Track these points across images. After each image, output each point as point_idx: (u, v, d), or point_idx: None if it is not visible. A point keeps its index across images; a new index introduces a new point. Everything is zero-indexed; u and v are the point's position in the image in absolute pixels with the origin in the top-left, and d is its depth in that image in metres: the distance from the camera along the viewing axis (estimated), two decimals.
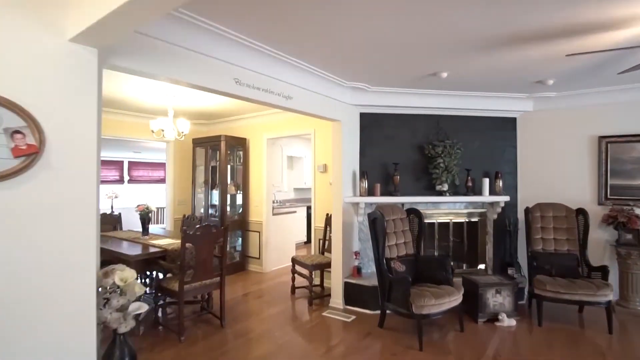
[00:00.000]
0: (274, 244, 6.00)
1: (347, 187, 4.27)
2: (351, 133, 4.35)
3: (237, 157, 6.07)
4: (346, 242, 4.24)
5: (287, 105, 3.39)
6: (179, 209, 6.46)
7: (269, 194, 5.89)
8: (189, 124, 4.57)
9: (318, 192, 5.20)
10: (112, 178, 10.18)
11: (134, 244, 3.94)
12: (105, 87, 4.12)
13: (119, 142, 7.57)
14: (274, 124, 5.74)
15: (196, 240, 3.38)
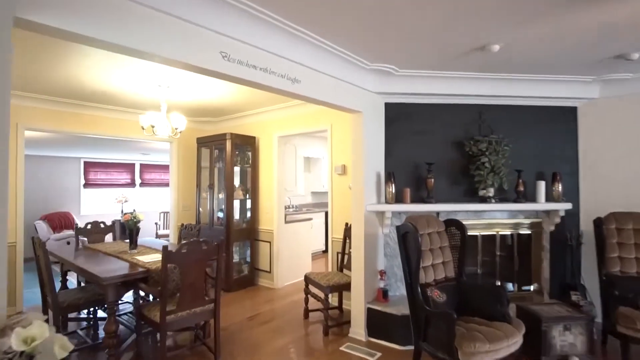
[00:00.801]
0: (286, 255, 5.31)
1: (370, 193, 3.52)
2: (374, 127, 3.60)
3: (246, 158, 5.42)
4: (369, 259, 3.50)
5: (293, 91, 2.69)
6: (183, 215, 5.88)
7: (280, 199, 5.20)
8: (184, 120, 3.94)
9: (336, 197, 4.47)
10: (123, 181, 9.79)
11: (117, 259, 3.33)
12: (90, 77, 3.55)
13: (126, 144, 7.09)
14: (285, 120, 5.06)
15: (181, 259, 2.72)
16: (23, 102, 4.30)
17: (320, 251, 7.58)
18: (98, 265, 3.09)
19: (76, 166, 8.95)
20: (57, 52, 2.98)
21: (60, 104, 4.54)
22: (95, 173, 9.31)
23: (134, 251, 3.62)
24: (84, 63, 3.22)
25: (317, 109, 4.63)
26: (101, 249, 3.83)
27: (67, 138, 6.14)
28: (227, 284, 4.99)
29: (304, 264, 5.68)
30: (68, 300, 3.15)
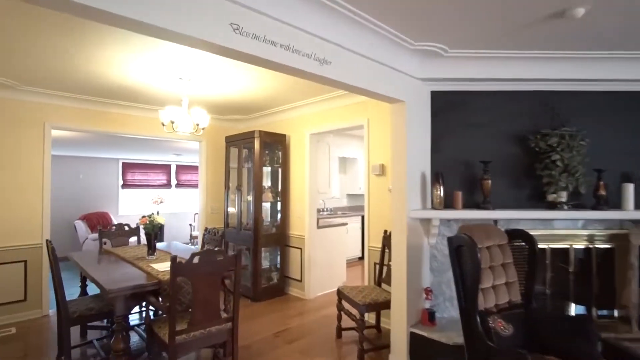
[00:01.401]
0: (318, 263, 4.88)
1: (414, 196, 3.00)
2: (419, 120, 3.08)
3: (275, 158, 5.06)
4: (412, 274, 2.97)
5: (321, 74, 2.25)
6: (212, 217, 5.63)
7: (312, 202, 4.78)
8: (206, 115, 3.63)
9: (373, 201, 3.98)
10: (159, 182, 9.84)
11: (132, 267, 3.06)
12: (110, 71, 3.31)
13: (158, 144, 7.00)
14: (317, 115, 4.63)
15: (193, 272, 2.36)
16: (50, 100, 4.20)
17: (357, 258, 7.09)
18: (108, 273, 2.82)
19: (114, 167, 9.08)
20: (76, 44, 2.76)
21: (85, 102, 4.42)
22: (133, 174, 9.40)
23: (152, 257, 3.35)
24: (103, 55, 2.98)
25: (352, 102, 4.16)
26: (120, 253, 3.60)
27: (104, 139, 6.11)
28: (254, 293, 4.63)
29: (337, 273, 5.22)
30: (79, 311, 2.90)
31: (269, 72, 3.43)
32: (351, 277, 5.71)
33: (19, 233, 4.04)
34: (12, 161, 4.00)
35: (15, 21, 2.44)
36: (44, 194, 4.20)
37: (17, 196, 4.03)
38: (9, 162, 3.97)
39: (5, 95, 3.92)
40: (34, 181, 4.13)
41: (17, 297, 4.03)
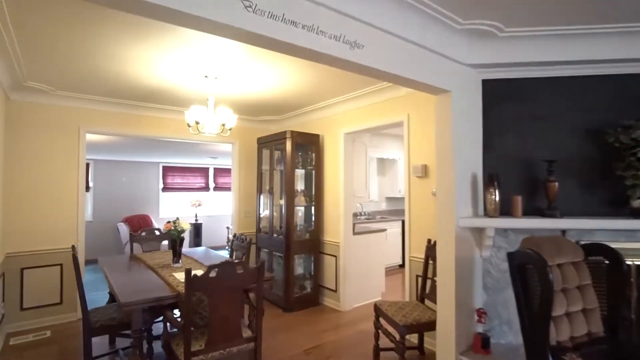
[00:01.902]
0: (355, 272, 4.53)
1: (463, 201, 2.58)
2: (468, 112, 2.66)
3: (309, 159, 4.78)
4: (462, 292, 2.55)
5: (352, 59, 1.92)
6: (244, 221, 5.46)
7: (347, 206, 4.45)
8: (233, 115, 3.43)
9: (415, 207, 3.57)
10: (198, 185, 9.95)
11: (154, 275, 2.90)
12: (137, 71, 3.21)
13: (193, 147, 7.01)
14: (352, 113, 4.30)
15: (209, 287, 2.12)
16: (83, 104, 4.21)
17: (397, 265, 6.64)
18: (128, 282, 2.67)
19: (155, 171, 9.29)
20: (103, 43, 2.65)
21: (117, 105, 4.40)
22: (173, 177, 9.57)
23: (177, 265, 3.18)
24: (130, 54, 2.86)
25: (389, 97, 3.79)
26: (146, 259, 3.49)
27: (142, 143, 6.17)
28: (287, 303, 4.38)
29: (376, 283, 4.84)
30: (102, 320, 2.78)
31: (298, 67, 3.18)
32: (391, 287, 5.30)
33: (55, 237, 4.07)
34: (48, 166, 4.04)
35: (49, 25, 2.36)
36: (79, 198, 4.22)
37: (53, 200, 4.06)
38: (45, 167, 4.02)
39: (41, 101, 3.97)
40: (69, 185, 4.16)
41: (53, 300, 4.06)
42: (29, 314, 3.92)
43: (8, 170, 3.80)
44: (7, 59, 2.98)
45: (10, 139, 3.82)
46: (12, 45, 2.74)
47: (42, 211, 4.00)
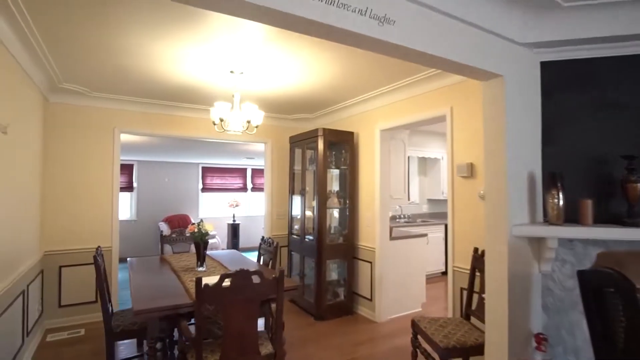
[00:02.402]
0: (392, 280, 4.19)
1: (517, 205, 2.18)
2: (523, 101, 2.25)
3: (342, 159, 4.51)
4: (516, 312, 2.16)
5: (381, 37, 1.63)
6: (277, 223, 5.30)
7: (384, 209, 4.12)
8: (259, 111, 3.24)
9: (460, 210, 3.18)
10: (236, 186, 10.02)
11: (176, 279, 2.77)
12: (164, 69, 3.12)
13: (228, 147, 6.99)
14: (389, 108, 3.97)
15: (223, 298, 1.92)
16: (117, 105, 4.24)
17: (439, 273, 6.18)
18: (147, 286, 2.55)
19: (195, 171, 9.46)
20: (130, 39, 2.57)
21: (150, 106, 4.40)
22: (212, 178, 9.70)
23: (200, 269, 3.04)
24: (156, 49, 2.76)
25: (430, 90, 3.43)
26: (173, 262, 3.39)
27: (180, 143, 6.22)
28: (318, 311, 4.13)
29: (415, 293, 4.45)
30: (123, 325, 2.69)
31: (329, 59, 2.94)
32: (432, 298, 4.88)
33: (91, 236, 4.13)
34: (85, 166, 4.10)
35: (74, 25, 2.33)
36: (114, 198, 4.25)
37: (89, 200, 4.12)
38: (82, 167, 4.08)
39: (78, 102, 4.04)
40: (104, 185, 4.20)
41: (89, 299, 4.11)
42: (66, 311, 4.00)
43: (48, 170, 3.89)
44: (39, 61, 3.01)
45: (49, 141, 3.91)
46: (41, 48, 2.75)
47: (79, 211, 4.07)
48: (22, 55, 2.76)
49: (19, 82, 2.85)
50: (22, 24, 2.35)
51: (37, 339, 3.55)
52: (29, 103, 3.21)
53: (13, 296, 2.74)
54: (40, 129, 3.64)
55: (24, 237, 3.08)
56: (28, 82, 3.10)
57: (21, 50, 2.70)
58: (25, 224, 3.12)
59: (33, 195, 3.40)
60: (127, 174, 8.61)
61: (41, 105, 3.65)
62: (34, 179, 3.45)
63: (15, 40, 2.55)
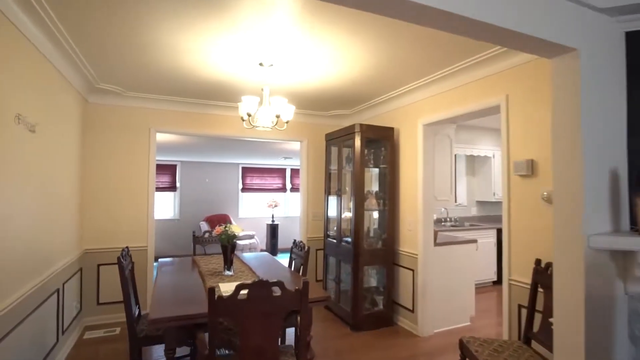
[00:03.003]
0: (437, 290, 3.80)
1: (596, 210, 1.76)
2: (603, 80, 1.82)
3: (381, 157, 4.18)
4: (594, 341, 1.73)
5: (423, 1, 1.32)
6: (313, 225, 5.07)
7: (427, 212, 3.75)
8: (289, 106, 3.01)
9: (517, 214, 2.75)
10: (275, 186, 9.96)
11: (201, 284, 2.62)
12: (191, 63, 3.00)
13: (265, 146, 6.89)
14: (433, 100, 3.59)
15: (239, 312, 1.70)
16: (151, 104, 4.23)
17: (490, 282, 5.63)
18: (169, 292, 2.41)
19: (235, 171, 9.52)
20: (153, 35, 2.46)
21: (182, 104, 4.35)
22: (252, 178, 9.71)
23: (227, 273, 2.88)
24: (180, 42, 2.63)
25: (480, 77, 3.03)
26: (202, 264, 3.27)
27: (217, 143, 6.22)
28: (355, 320, 3.84)
29: (463, 305, 4.02)
30: (147, 330, 2.59)
31: (365, 46, 2.65)
32: (482, 311, 4.40)
33: (128, 235, 4.15)
34: (122, 166, 4.13)
35: (100, 21, 2.25)
36: (149, 198, 4.24)
37: (126, 200, 4.14)
38: (119, 167, 4.11)
39: (115, 102, 4.07)
40: (141, 185, 4.21)
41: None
42: (104, 309, 4.04)
43: (87, 170, 3.95)
44: (72, 62, 3.02)
45: (89, 140, 3.97)
46: (70, 47, 2.73)
47: (116, 210, 4.10)
48: (55, 56, 2.76)
49: (54, 83, 2.85)
50: (50, 26, 2.36)
51: (74, 336, 3.59)
52: (66, 104, 3.24)
53: (45, 295, 2.73)
54: (79, 129, 3.69)
55: (60, 235, 3.09)
56: (63, 84, 3.12)
57: (53, 52, 2.70)
58: (60, 223, 3.13)
59: (71, 194, 3.44)
60: (170, 174, 8.84)
61: (80, 106, 3.69)
62: (72, 178, 3.49)
63: (46, 42, 2.56)
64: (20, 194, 2.27)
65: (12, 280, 2.17)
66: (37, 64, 2.52)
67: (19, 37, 2.21)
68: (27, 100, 2.36)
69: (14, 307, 2.16)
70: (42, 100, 2.62)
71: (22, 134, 2.29)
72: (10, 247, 2.16)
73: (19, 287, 2.27)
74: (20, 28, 2.20)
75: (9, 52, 2.10)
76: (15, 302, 2.17)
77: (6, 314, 2.06)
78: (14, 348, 2.16)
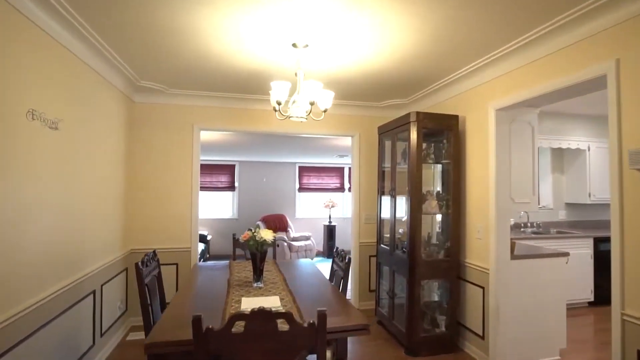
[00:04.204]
0: (513, 313, 3.07)
1: None
2: None
3: (443, 151, 3.54)
4: None
5: None
6: (365, 229, 4.58)
7: (502, 217, 3.04)
8: (325, 92, 2.57)
9: (634, 221, 1.98)
10: (333, 186, 9.57)
11: (223, 297, 2.30)
12: (220, 47, 2.71)
13: (320, 143, 6.53)
14: (509, 78, 2.87)
15: (232, 347, 1.30)
16: (194, 101, 4.08)
17: (585, 303, 4.62)
18: (184, 307, 2.12)
19: (292, 171, 9.33)
20: (176, 20, 2.22)
21: (224, 100, 4.15)
22: (309, 177, 9.45)
23: (257, 285, 2.53)
24: (205, 24, 2.35)
25: (574, 38, 2.29)
26: (236, 271, 2.98)
27: (273, 140, 6.02)
28: (410, 343, 3.27)
29: (549, 333, 3.22)
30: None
31: (421, 17, 2.11)
32: (576, 341, 3.54)
33: (172, 236, 4.05)
34: (166, 165, 4.04)
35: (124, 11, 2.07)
36: (193, 198, 4.11)
37: (170, 199, 4.05)
38: (163, 166, 4.03)
39: (159, 101, 3.99)
40: (184, 185, 4.09)
41: (168, 299, 4.02)
42: None
43: (133, 169, 3.92)
44: (108, 61, 2.95)
45: (135, 140, 3.94)
46: (103, 47, 2.65)
47: (160, 210, 4.02)
48: (86, 54, 2.67)
49: (86, 81, 2.76)
50: (79, 29, 2.29)
51: (117, 336, 3.54)
52: (107, 104, 3.19)
53: (76, 297, 2.64)
54: (123, 129, 3.65)
55: (94, 237, 3.01)
56: (102, 83, 3.07)
57: (82, 50, 2.61)
58: (96, 224, 3.06)
59: (111, 193, 3.38)
60: (229, 174, 8.93)
61: (123, 105, 3.64)
62: (114, 177, 3.44)
63: (75, 42, 2.50)
64: (39, 194, 2.15)
65: (27, 284, 2.04)
66: (66, 61, 2.42)
67: (47, 39, 2.08)
68: (50, 97, 2.24)
69: (30, 313, 2.03)
70: (71, 97, 2.51)
71: (43, 131, 2.17)
72: (28, 249, 2.04)
73: (37, 292, 2.14)
74: (50, 33, 2.13)
75: (32, 49, 1.99)
76: (32, 307, 2.04)
77: (20, 320, 1.93)
78: (34, 355, 2.03)
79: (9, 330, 1.85)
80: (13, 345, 1.88)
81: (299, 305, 2.10)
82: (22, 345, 1.96)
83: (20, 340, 1.94)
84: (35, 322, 2.10)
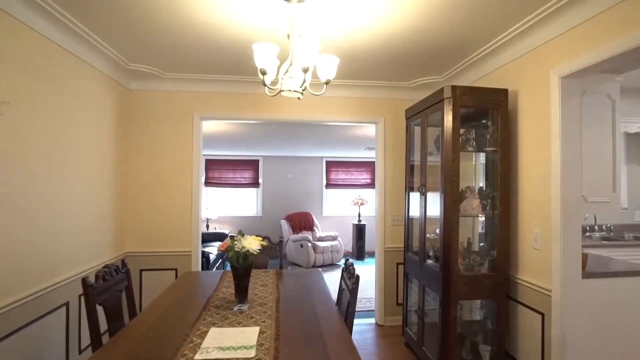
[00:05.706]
0: (588, 347, 2.30)
1: None
2: None
3: (487, 136, 2.79)
4: None
5: None
6: (391, 232, 3.91)
7: (569, 221, 2.27)
8: (325, 57, 1.94)
9: None
10: (362, 182, 8.89)
11: (182, 327, 1.76)
12: (189, 15, 2.18)
13: (343, 133, 5.91)
14: (576, 35, 2.09)
15: None
16: (193, 85, 3.61)
17: None
18: (131, 336, 1.61)
19: (319, 166, 8.76)
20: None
21: (227, 83, 3.64)
22: (337, 173, 8.84)
23: (238, 308, 1.97)
24: None
25: None
26: (223, 285, 2.45)
27: (294, 131, 5.50)
28: None
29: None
30: None
31: None
32: None
33: (170, 238, 3.63)
34: (162, 161, 3.61)
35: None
36: (193, 195, 3.65)
37: (167, 198, 3.62)
38: (160, 162, 3.61)
39: (156, 87, 3.56)
40: (183, 183, 3.64)
41: None
42: None
43: (126, 163, 3.53)
44: (83, 40, 2.53)
45: (130, 131, 3.55)
46: (71, 22, 2.22)
47: (156, 209, 3.60)
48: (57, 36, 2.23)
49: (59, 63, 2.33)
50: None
51: None
52: (87, 89, 2.78)
53: (42, 311, 2.24)
54: (114, 118, 3.24)
55: (69, 242, 2.60)
56: (78, 64, 2.65)
57: (46, 25, 2.17)
58: (83, 225, 2.67)
59: (101, 191, 2.99)
60: (252, 170, 8.52)
61: (113, 92, 3.23)
62: (104, 173, 3.04)
63: (48, 24, 2.02)
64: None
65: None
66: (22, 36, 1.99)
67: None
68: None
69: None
70: (28, 78, 2.09)
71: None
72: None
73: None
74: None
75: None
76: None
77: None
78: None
79: None
80: None
81: (280, 346, 1.52)
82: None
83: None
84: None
